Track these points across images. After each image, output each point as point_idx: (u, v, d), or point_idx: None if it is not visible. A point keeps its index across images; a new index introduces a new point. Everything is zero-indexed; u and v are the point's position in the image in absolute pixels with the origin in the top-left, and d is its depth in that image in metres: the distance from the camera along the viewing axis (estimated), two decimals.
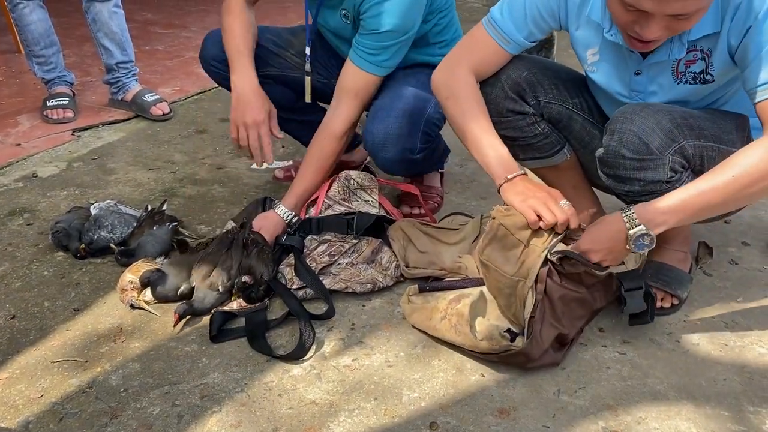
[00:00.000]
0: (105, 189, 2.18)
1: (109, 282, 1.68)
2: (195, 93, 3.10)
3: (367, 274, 1.63)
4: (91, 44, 2.89)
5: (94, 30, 2.69)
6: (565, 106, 1.59)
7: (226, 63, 1.88)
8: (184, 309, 1.51)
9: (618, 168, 1.37)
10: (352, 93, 1.77)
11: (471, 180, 2.27)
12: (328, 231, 1.72)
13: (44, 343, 1.47)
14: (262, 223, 1.77)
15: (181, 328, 1.51)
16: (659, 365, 1.42)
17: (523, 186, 1.39)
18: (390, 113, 1.72)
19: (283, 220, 1.79)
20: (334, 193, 1.82)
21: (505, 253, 1.37)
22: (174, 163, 2.38)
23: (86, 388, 1.34)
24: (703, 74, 1.37)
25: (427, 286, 1.53)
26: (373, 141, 1.74)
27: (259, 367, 1.40)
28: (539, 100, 1.56)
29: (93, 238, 1.75)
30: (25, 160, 2.37)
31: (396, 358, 1.44)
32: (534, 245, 1.35)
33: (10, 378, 1.37)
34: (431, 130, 1.80)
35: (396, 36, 1.69)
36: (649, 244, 1.29)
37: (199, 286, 1.56)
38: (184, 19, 4.51)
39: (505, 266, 1.36)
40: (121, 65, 2.76)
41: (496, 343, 1.34)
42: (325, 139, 1.80)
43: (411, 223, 1.76)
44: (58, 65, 2.76)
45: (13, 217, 1.99)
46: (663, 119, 1.32)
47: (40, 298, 1.62)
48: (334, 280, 1.61)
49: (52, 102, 2.70)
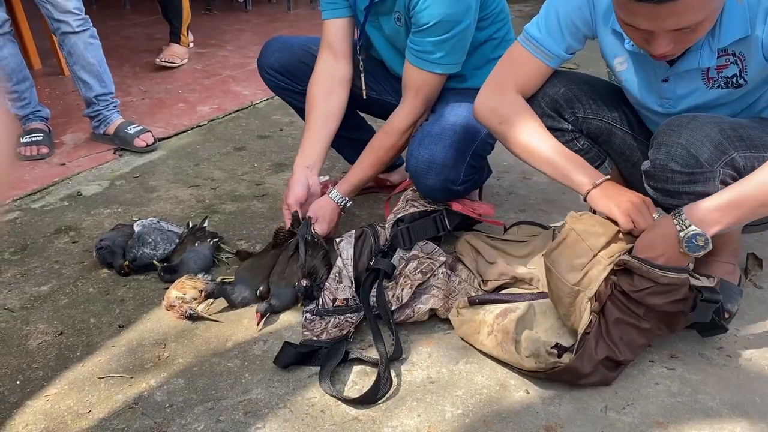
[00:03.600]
0: (147, 206, 2.22)
1: (152, 298, 1.70)
2: (233, 111, 3.14)
3: (461, 288, 1.59)
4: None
5: (70, 63, 2.58)
6: (605, 120, 1.57)
7: (281, 72, 1.95)
8: (266, 308, 1.57)
9: (666, 182, 1.34)
10: (413, 90, 1.78)
11: (509, 193, 2.25)
12: (418, 238, 1.66)
13: (91, 359, 1.50)
14: (317, 211, 1.81)
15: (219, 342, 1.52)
16: (710, 381, 1.38)
17: (613, 190, 1.37)
18: (438, 141, 1.70)
19: (337, 206, 1.84)
20: (409, 196, 1.81)
21: (572, 261, 1.34)
22: (214, 180, 2.41)
23: (132, 404, 1.36)
24: (736, 78, 1.34)
25: (477, 299, 1.50)
26: (416, 167, 1.72)
27: (302, 383, 1.40)
28: (577, 116, 1.55)
29: (136, 255, 1.78)
30: (70, 180, 2.42)
31: (438, 374, 1.43)
32: (600, 258, 1.32)
33: (59, 394, 1.39)
34: (477, 162, 1.79)
35: (447, 27, 1.65)
36: (704, 245, 1.25)
37: (277, 284, 1.62)
38: (221, 38, 4.59)
39: (568, 274, 1.34)
40: (100, 98, 2.65)
41: (542, 361, 1.32)
42: (385, 133, 1.83)
43: (477, 236, 1.72)
44: (32, 100, 2.67)
45: (59, 235, 2.04)
46: (712, 131, 1.29)
47: (86, 315, 1.65)
48: (432, 295, 1.56)
49: (26, 138, 2.59)
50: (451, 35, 1.67)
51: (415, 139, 1.76)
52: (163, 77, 3.68)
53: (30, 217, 2.15)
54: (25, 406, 1.36)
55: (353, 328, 1.52)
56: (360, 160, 1.87)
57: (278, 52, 1.97)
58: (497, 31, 1.84)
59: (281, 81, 2.00)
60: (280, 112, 3.03)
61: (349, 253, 1.66)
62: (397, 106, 1.83)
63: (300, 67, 1.98)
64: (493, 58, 1.85)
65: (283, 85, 2.01)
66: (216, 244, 1.86)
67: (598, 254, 1.32)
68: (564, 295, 1.35)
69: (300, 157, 1.88)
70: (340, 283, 1.61)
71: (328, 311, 1.55)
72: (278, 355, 1.45)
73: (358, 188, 1.88)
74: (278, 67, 1.98)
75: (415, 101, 1.79)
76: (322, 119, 1.88)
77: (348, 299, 1.57)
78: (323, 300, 1.57)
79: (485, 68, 1.85)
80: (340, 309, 1.55)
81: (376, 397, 1.34)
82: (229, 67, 3.87)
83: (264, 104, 3.21)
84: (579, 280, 1.33)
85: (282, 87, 2.02)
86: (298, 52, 1.99)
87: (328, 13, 1.88)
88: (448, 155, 1.69)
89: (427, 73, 1.74)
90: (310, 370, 1.43)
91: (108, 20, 5.00)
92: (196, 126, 2.95)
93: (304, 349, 1.46)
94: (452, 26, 1.66)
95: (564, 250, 1.35)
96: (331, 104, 1.88)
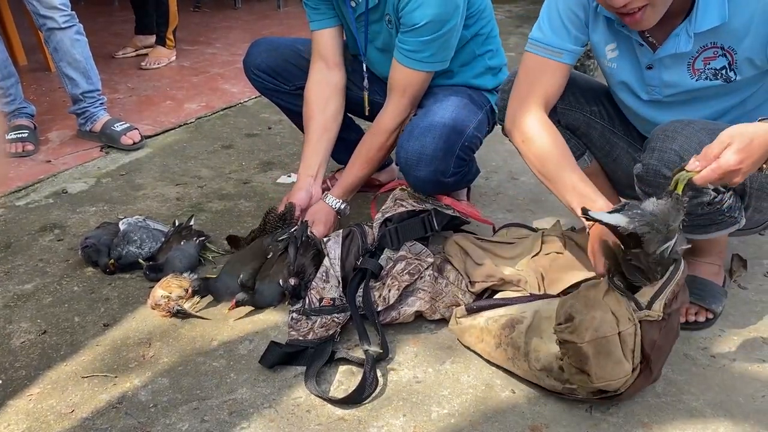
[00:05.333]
0: (133, 204, 2.20)
1: (137, 297, 1.69)
2: (221, 108, 3.12)
3: (448, 291, 1.58)
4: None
5: (57, 59, 2.56)
6: (583, 113, 1.58)
7: (268, 73, 1.97)
8: (243, 297, 1.57)
9: (657, 187, 1.34)
10: (399, 89, 1.79)
11: (497, 193, 2.26)
12: (406, 238, 1.66)
13: (75, 358, 1.48)
14: (314, 215, 1.84)
15: (211, 344, 1.51)
16: (694, 381, 1.39)
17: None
18: (427, 133, 1.71)
19: (333, 210, 1.86)
20: (398, 195, 1.81)
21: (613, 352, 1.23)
22: (201, 178, 2.40)
23: (116, 404, 1.35)
24: (726, 71, 1.35)
25: (474, 306, 1.47)
26: (406, 158, 1.73)
27: (287, 382, 1.40)
28: (555, 107, 1.55)
29: (122, 253, 1.76)
30: (55, 177, 2.40)
31: (424, 374, 1.42)
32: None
33: (41, 393, 1.38)
34: (466, 155, 1.80)
35: (436, 27, 1.66)
36: None
37: (261, 281, 1.62)
38: (209, 35, 4.57)
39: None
40: (87, 95, 2.63)
41: (555, 375, 1.29)
42: (374, 134, 1.85)
43: (466, 237, 1.72)
44: (17, 97, 2.65)
45: (44, 233, 2.02)
46: (706, 138, 1.27)
47: (70, 314, 1.64)
48: (419, 297, 1.55)
49: (11, 135, 2.56)
50: (440, 34, 1.68)
51: (405, 132, 1.77)
52: (150, 75, 3.66)
53: (14, 215, 2.13)
54: (7, 405, 1.34)
55: (340, 328, 1.51)
56: (351, 162, 1.89)
57: (265, 52, 1.98)
58: (482, 27, 1.85)
59: (268, 81, 2.01)
60: (268, 110, 3.02)
61: (337, 252, 1.66)
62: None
63: (287, 67, 1.99)
64: (479, 53, 1.87)
65: (270, 86, 2.02)
66: (202, 243, 1.85)
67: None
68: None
69: (303, 167, 1.93)
70: (327, 282, 1.61)
71: (314, 311, 1.54)
72: (264, 354, 1.44)
73: (352, 191, 1.90)
74: (265, 68, 1.99)
75: (402, 100, 1.80)
76: (321, 129, 1.92)
77: (335, 299, 1.57)
78: (310, 299, 1.57)
79: (472, 64, 1.87)
80: (326, 309, 1.55)
81: (362, 397, 1.34)
82: (217, 64, 3.85)
83: (252, 102, 3.20)
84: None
85: (269, 88, 2.03)
86: (284, 52, 1.99)
87: (316, 24, 1.90)
88: (438, 147, 1.70)
89: (415, 71, 1.75)
90: (296, 369, 1.43)
91: (96, 17, 4.96)
92: (184, 124, 2.93)
93: (290, 348, 1.45)
94: (441, 26, 1.66)
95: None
96: (329, 113, 1.92)
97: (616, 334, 1.20)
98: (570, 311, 1.24)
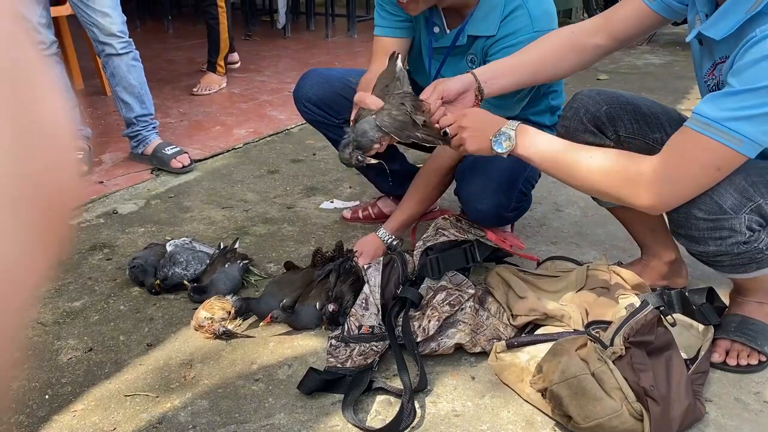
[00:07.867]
0: (180, 226, 2.25)
1: (181, 318, 1.72)
2: (268, 135, 3.19)
3: (489, 323, 1.56)
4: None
5: (113, 84, 2.65)
6: (646, 141, 1.56)
7: (318, 106, 1.95)
8: (279, 314, 1.60)
9: (690, 228, 1.32)
10: None
11: (541, 224, 2.23)
12: (447, 268, 1.65)
13: (118, 376, 1.51)
14: (363, 247, 1.84)
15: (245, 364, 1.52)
16: (746, 427, 1.34)
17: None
18: (490, 167, 1.70)
19: (383, 244, 1.86)
20: (440, 224, 1.81)
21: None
22: (246, 202, 2.44)
23: (156, 424, 1.36)
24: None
25: (515, 342, 1.45)
26: (469, 191, 1.72)
27: (325, 409, 1.39)
28: (619, 135, 1.54)
29: (168, 274, 1.80)
30: (107, 198, 2.48)
31: (463, 407, 1.40)
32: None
33: (85, 410, 1.41)
34: (526, 190, 1.80)
35: None
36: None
37: (301, 302, 1.64)
38: (259, 63, 4.68)
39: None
40: (140, 119, 2.72)
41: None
42: (432, 171, 1.84)
43: (508, 269, 1.69)
44: (75, 120, 2.78)
45: (93, 252, 2.07)
46: (736, 177, 1.25)
47: (116, 332, 1.67)
48: (459, 329, 1.53)
49: None
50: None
51: (466, 164, 1.76)
52: (201, 100, 3.76)
53: None
54: (51, 420, 1.37)
55: (378, 357, 1.51)
56: (407, 198, 1.87)
57: (316, 85, 1.96)
58: (558, 83, 1.87)
59: (318, 114, 1.99)
60: (313, 137, 3.06)
61: (377, 280, 1.66)
62: None
63: (338, 99, 1.95)
64: (544, 92, 1.87)
65: (320, 119, 2.00)
66: (245, 266, 1.88)
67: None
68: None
69: None
70: (367, 309, 1.61)
71: (353, 338, 1.54)
72: (302, 380, 1.44)
73: (406, 226, 1.89)
74: (316, 100, 1.96)
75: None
76: None
77: (374, 327, 1.57)
78: (349, 326, 1.57)
79: (536, 102, 1.86)
80: (365, 336, 1.54)
81: (399, 428, 1.32)
82: (266, 92, 3.94)
83: (298, 129, 3.26)
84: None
85: (319, 120, 2.01)
86: (336, 84, 1.96)
87: (387, 30, 1.83)
88: (502, 180, 1.70)
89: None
90: (334, 397, 1.42)
91: (151, 43, 5.13)
92: (232, 149, 3.00)
93: (329, 375, 1.45)
94: None
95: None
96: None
97: (588, 374, 1.25)
98: (540, 362, 1.32)
